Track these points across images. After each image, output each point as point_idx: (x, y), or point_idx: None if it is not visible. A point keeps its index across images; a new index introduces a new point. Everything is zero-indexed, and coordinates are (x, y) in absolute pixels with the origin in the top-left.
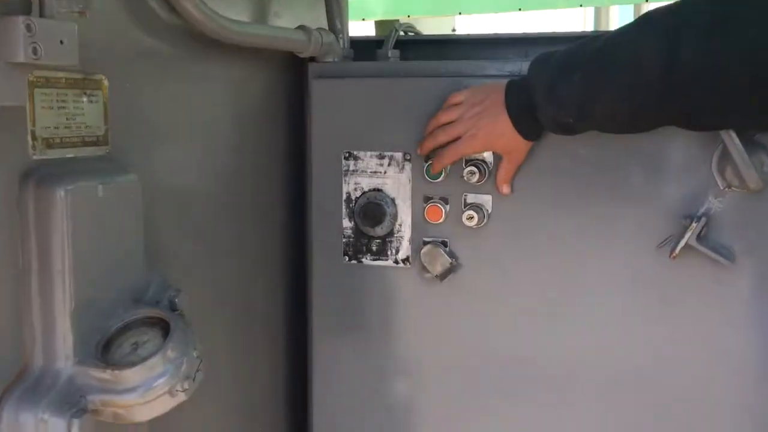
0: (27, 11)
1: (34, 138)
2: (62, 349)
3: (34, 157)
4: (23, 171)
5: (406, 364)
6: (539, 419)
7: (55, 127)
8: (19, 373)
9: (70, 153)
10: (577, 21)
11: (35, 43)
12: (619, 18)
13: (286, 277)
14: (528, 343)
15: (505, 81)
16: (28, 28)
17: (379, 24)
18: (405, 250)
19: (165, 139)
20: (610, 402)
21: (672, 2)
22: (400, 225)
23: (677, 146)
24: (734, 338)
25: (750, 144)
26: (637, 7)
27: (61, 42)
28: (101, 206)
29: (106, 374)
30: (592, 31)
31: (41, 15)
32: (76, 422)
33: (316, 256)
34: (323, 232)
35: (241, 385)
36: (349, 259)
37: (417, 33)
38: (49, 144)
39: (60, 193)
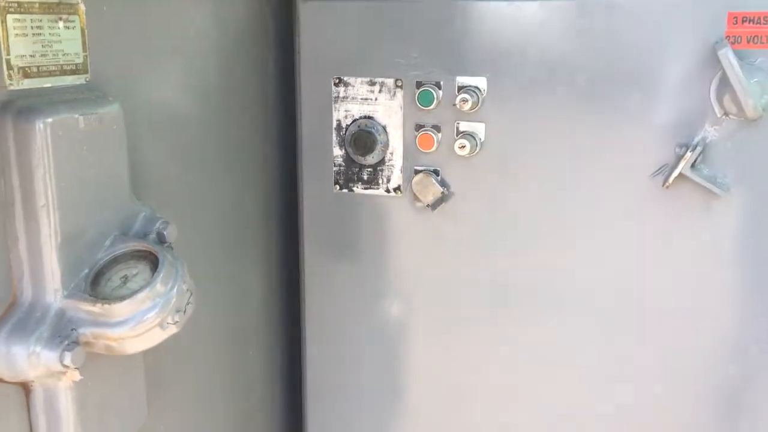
0: None
1: (9, 67)
2: (51, 282)
3: (10, 88)
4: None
5: (397, 289)
6: (524, 339)
7: (31, 56)
8: (9, 308)
9: (47, 82)
10: None
11: None
12: None
13: (277, 206)
14: (517, 271)
15: None
16: None
17: None
18: (396, 179)
19: (147, 65)
20: (596, 326)
21: None
22: (392, 153)
23: (673, 72)
24: (724, 269)
25: (750, 69)
26: None
27: None
28: (83, 137)
29: (96, 308)
30: None
31: None
32: (68, 355)
33: (307, 185)
34: (313, 161)
35: (233, 311)
36: (340, 188)
37: None
38: (25, 74)
39: (39, 125)
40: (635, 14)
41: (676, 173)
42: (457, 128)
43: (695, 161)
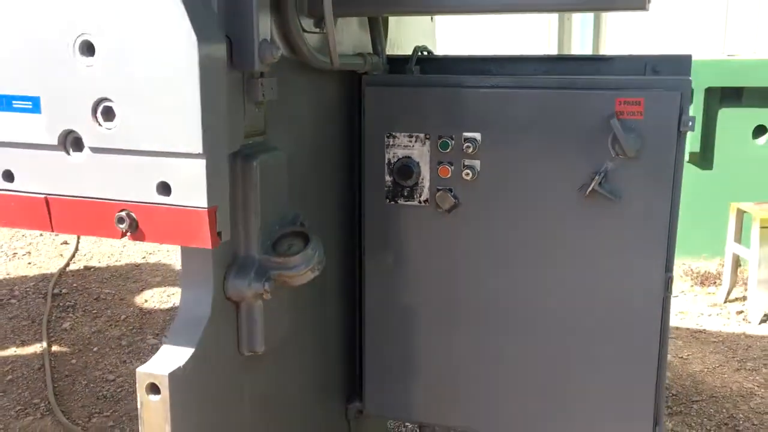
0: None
1: (244, 133)
2: (254, 248)
3: (241, 144)
4: (234, 153)
5: (425, 264)
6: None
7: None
8: (233, 260)
9: (252, 140)
10: (542, 41)
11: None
12: (581, 35)
13: (350, 212)
14: (499, 249)
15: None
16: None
17: None
18: (425, 195)
19: (287, 128)
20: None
21: None
22: (422, 179)
23: (590, 132)
24: (621, 254)
25: (627, 129)
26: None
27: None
28: (270, 171)
29: (280, 260)
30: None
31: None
32: (267, 284)
33: (368, 200)
34: (373, 184)
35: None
36: (389, 201)
37: (430, 53)
38: (246, 135)
39: (254, 163)
40: (572, 97)
41: (590, 188)
42: (463, 163)
43: (601, 181)
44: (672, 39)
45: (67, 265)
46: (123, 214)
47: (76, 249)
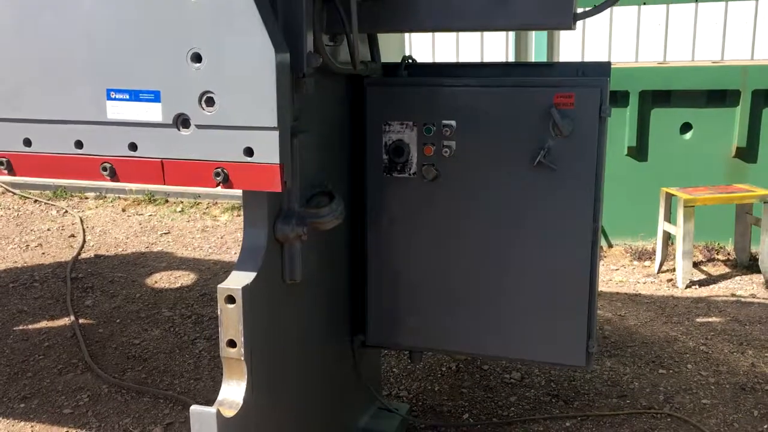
0: None
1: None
2: (295, 203)
3: (290, 124)
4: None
5: (414, 222)
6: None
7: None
8: (279, 212)
9: (293, 123)
10: (500, 49)
11: None
12: (535, 46)
13: (357, 183)
14: (471, 208)
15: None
16: None
17: None
18: (414, 169)
19: (313, 117)
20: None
21: None
22: (411, 156)
23: (535, 119)
24: (560, 209)
25: (563, 115)
26: (549, 36)
27: None
28: (304, 146)
29: (314, 211)
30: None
31: None
32: (305, 228)
33: (370, 173)
34: (373, 162)
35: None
36: (386, 174)
37: (415, 61)
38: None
39: (294, 140)
40: (523, 93)
41: (537, 160)
42: (443, 144)
43: (545, 155)
44: (616, 48)
45: (80, 252)
46: (219, 170)
47: (84, 240)
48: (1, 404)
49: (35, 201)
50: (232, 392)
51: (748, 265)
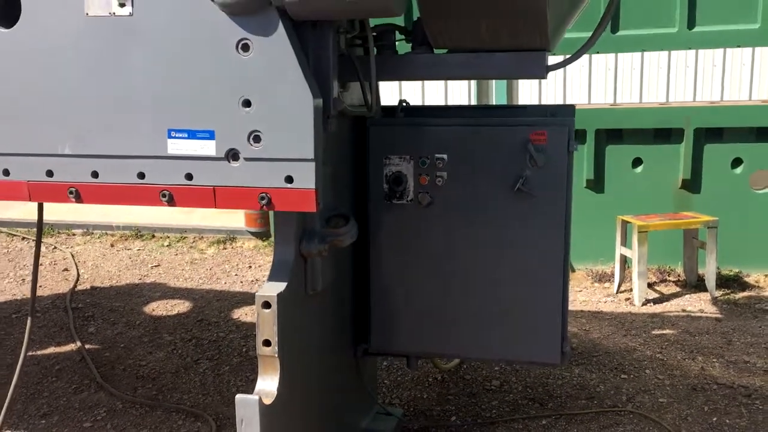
0: None
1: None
2: (317, 222)
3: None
4: None
5: (411, 242)
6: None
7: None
8: (303, 232)
9: None
10: (464, 94)
11: None
12: (496, 89)
13: (360, 208)
14: (460, 228)
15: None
16: None
17: None
18: (411, 195)
19: (329, 151)
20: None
21: None
22: (409, 185)
23: (514, 154)
24: (536, 229)
25: (537, 150)
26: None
27: None
28: (325, 176)
29: (333, 231)
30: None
31: None
32: (326, 246)
33: (372, 199)
34: (375, 190)
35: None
36: (387, 201)
37: (409, 104)
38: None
39: None
40: (503, 130)
41: (516, 187)
42: (435, 174)
43: (523, 182)
44: (570, 91)
45: (76, 284)
46: (263, 195)
47: (78, 273)
48: (23, 421)
49: (23, 238)
50: (268, 385)
51: (696, 284)
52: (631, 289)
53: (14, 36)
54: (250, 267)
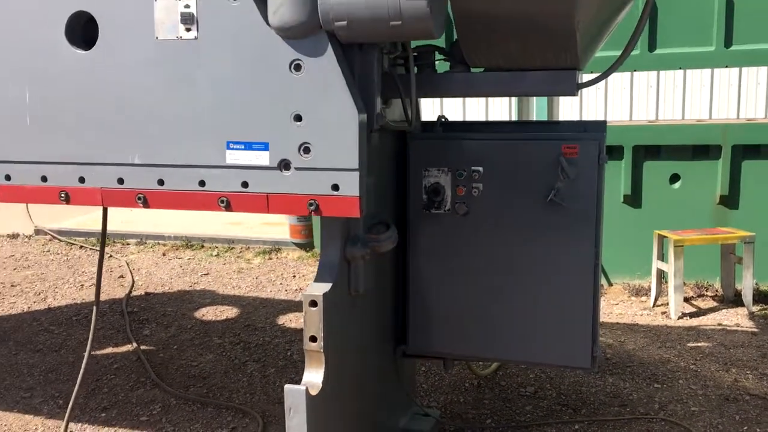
0: None
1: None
2: (360, 229)
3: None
4: None
5: (448, 250)
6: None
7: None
8: (348, 237)
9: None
10: (504, 110)
11: None
12: (536, 106)
13: (399, 218)
14: (496, 236)
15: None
16: None
17: None
18: (448, 206)
19: (373, 163)
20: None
21: None
22: (446, 196)
23: (547, 166)
24: (568, 237)
25: (570, 163)
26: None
27: None
28: (368, 186)
29: (375, 236)
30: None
31: None
32: (368, 250)
33: (411, 209)
34: (415, 200)
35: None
36: (426, 211)
37: (447, 119)
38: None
39: None
40: (537, 144)
41: (549, 197)
42: (472, 185)
43: (556, 193)
44: (611, 108)
45: (131, 290)
46: (312, 201)
47: (133, 280)
48: (85, 414)
49: (81, 247)
50: (313, 377)
51: (733, 299)
52: (667, 303)
53: (92, 57)
54: (294, 276)
